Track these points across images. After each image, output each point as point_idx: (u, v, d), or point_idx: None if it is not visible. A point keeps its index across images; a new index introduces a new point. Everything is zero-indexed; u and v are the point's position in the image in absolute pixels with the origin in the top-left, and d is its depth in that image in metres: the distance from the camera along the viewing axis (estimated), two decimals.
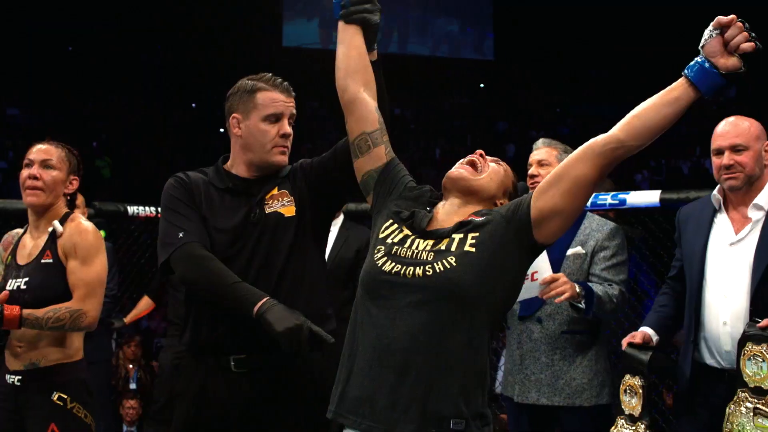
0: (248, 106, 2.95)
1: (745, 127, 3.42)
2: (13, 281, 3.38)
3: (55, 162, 3.41)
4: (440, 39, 22.37)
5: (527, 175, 4.00)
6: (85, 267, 3.32)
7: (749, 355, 3.09)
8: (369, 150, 2.63)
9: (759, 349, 3.07)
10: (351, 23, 2.72)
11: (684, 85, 2.29)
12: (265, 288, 2.79)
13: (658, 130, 2.31)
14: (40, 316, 3.24)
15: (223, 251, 2.86)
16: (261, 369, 2.84)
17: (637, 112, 2.32)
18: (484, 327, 2.33)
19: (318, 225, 3.02)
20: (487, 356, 2.36)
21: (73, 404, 3.33)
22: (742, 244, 3.36)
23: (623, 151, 2.32)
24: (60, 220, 3.40)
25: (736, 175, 3.38)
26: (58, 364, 3.36)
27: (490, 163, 2.61)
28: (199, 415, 2.88)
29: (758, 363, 3.07)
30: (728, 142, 3.40)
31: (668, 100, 2.29)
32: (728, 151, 3.39)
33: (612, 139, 2.32)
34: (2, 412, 3.39)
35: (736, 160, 3.37)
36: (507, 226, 2.37)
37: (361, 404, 2.31)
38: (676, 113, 2.30)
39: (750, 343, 3.09)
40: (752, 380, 3.07)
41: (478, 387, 2.31)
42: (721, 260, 3.40)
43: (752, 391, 3.08)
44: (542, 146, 4.03)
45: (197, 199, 2.93)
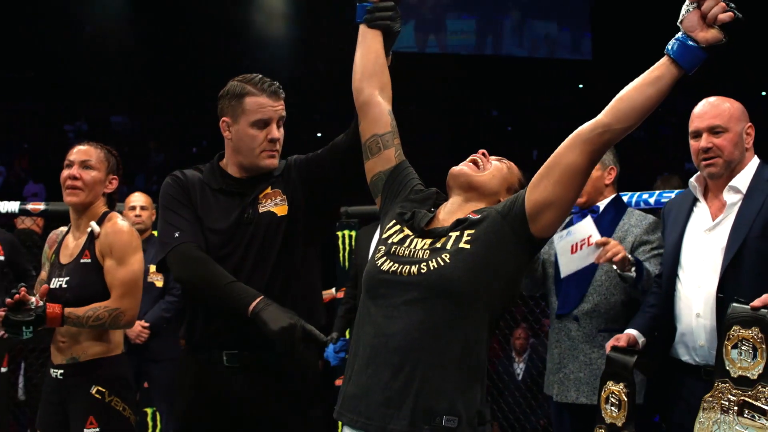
0: (237, 110, 2.99)
1: (725, 107, 3.16)
2: (55, 280, 3.50)
3: (94, 162, 3.53)
4: (537, 40, 22.16)
5: None
6: (122, 267, 3.42)
7: (735, 341, 2.72)
8: (379, 152, 2.65)
9: (748, 334, 2.69)
10: (373, 28, 2.75)
11: (666, 63, 2.27)
12: (257, 286, 2.85)
13: (643, 111, 2.28)
14: (80, 315, 3.35)
15: (216, 251, 2.92)
16: (253, 365, 2.89)
17: (621, 95, 2.30)
18: (482, 323, 2.32)
19: (312, 222, 3.04)
20: (486, 353, 2.36)
21: (111, 398, 3.43)
22: (718, 229, 3.11)
23: (610, 135, 2.29)
24: (98, 220, 3.51)
25: (714, 161, 3.12)
26: (97, 358, 3.47)
27: (494, 161, 2.61)
28: (195, 409, 2.95)
29: (747, 350, 2.69)
30: (706, 123, 3.15)
31: (651, 80, 2.28)
32: (706, 133, 3.15)
33: (598, 125, 2.30)
34: (48, 404, 3.53)
35: (715, 143, 3.12)
36: (503, 221, 2.36)
37: (358, 402, 2.33)
38: (660, 92, 2.27)
39: (737, 327, 2.73)
40: (736, 368, 2.70)
41: (476, 383, 2.30)
42: (695, 249, 3.15)
43: (735, 381, 2.70)
44: None
45: (193, 198, 3.00)
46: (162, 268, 2.99)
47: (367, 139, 2.68)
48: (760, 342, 2.65)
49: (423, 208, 2.53)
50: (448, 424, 2.23)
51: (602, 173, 3.91)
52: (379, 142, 2.65)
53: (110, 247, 3.44)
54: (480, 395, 2.30)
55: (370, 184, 2.69)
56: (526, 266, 2.44)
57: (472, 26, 22.77)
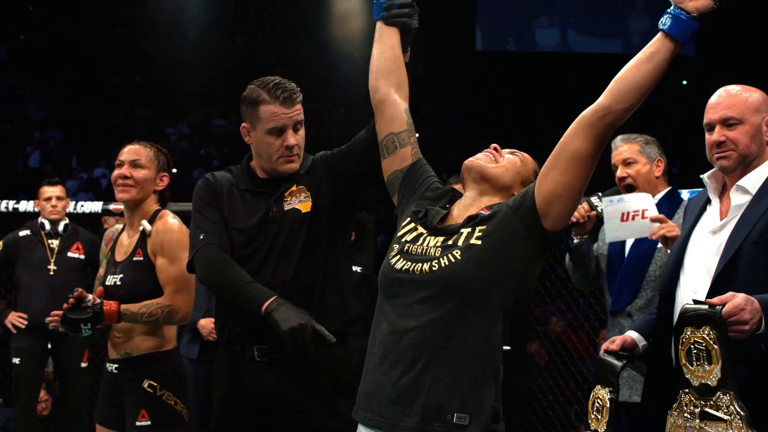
0: (253, 118, 3.03)
1: (742, 97, 2.84)
2: (110, 277, 3.60)
3: (144, 161, 3.61)
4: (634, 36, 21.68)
5: (616, 177, 3.87)
6: (173, 264, 3.48)
7: (688, 345, 2.43)
8: (395, 150, 2.64)
9: (700, 335, 2.40)
10: (391, 25, 2.75)
11: (660, 38, 2.27)
12: (281, 283, 2.91)
13: (643, 89, 2.26)
14: (135, 311, 3.43)
15: (241, 250, 2.98)
16: (283, 359, 2.92)
17: (619, 76, 2.29)
18: (496, 319, 2.30)
19: (338, 218, 3.06)
20: (500, 349, 2.34)
21: (163, 391, 3.50)
22: (722, 232, 2.79)
23: (612, 116, 2.26)
24: (150, 218, 3.59)
25: (727, 154, 2.81)
26: (150, 353, 3.55)
27: (507, 154, 2.57)
28: (229, 402, 3.01)
29: (701, 353, 2.40)
30: (719, 114, 2.84)
31: (647, 56, 2.27)
32: (719, 125, 2.84)
33: (599, 108, 2.28)
34: (105, 398, 3.63)
35: (728, 136, 2.81)
36: (514, 215, 2.34)
37: (371, 399, 2.34)
38: (658, 67, 2.26)
39: (689, 329, 2.43)
40: (695, 376, 2.42)
41: (490, 380, 2.28)
42: (698, 251, 2.85)
43: (698, 391, 2.42)
44: (622, 143, 3.89)
45: (220, 199, 3.06)
46: (191, 269, 3.06)
47: (384, 137, 2.67)
48: (713, 343, 2.37)
49: (438, 205, 2.51)
50: (459, 422, 2.22)
51: (650, 167, 3.83)
52: (395, 140, 2.64)
53: (161, 246, 3.51)
54: (494, 392, 2.28)
55: (387, 183, 2.68)
56: (541, 260, 2.40)
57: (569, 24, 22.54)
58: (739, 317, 2.37)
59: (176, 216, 3.63)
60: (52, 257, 5.93)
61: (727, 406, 2.35)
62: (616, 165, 3.89)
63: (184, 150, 19.55)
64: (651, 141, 3.92)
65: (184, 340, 5.67)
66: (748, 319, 2.37)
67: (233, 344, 3.01)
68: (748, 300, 2.39)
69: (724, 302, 2.38)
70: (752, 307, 2.39)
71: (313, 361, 2.91)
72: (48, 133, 19.63)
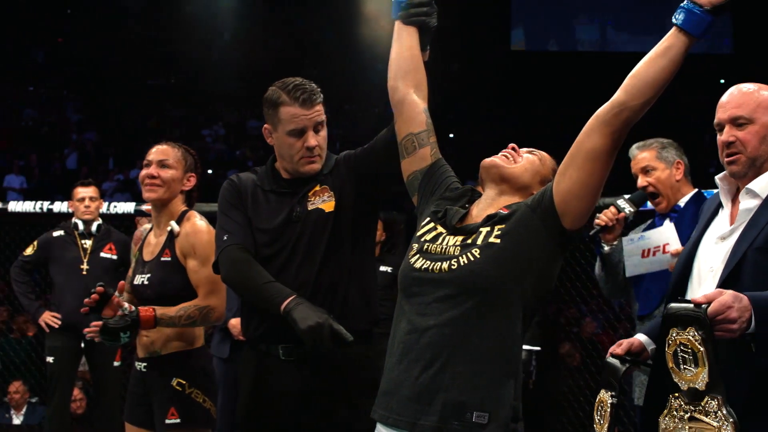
0: (274, 119, 3.04)
1: (753, 95, 2.62)
2: (139, 276, 3.62)
3: (171, 162, 3.63)
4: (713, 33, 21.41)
5: (638, 186, 3.84)
6: (205, 266, 3.48)
7: (674, 347, 2.26)
8: (415, 151, 2.64)
9: (685, 336, 2.23)
10: (409, 25, 2.74)
11: (674, 33, 2.25)
12: (305, 282, 2.92)
13: (658, 84, 2.24)
14: (173, 315, 3.44)
15: (264, 250, 3.00)
16: (308, 358, 2.93)
17: (634, 72, 2.27)
18: (516, 318, 2.29)
19: (361, 217, 3.07)
20: (520, 347, 2.33)
21: (192, 389, 3.52)
22: (731, 238, 2.59)
23: (628, 112, 2.25)
24: (177, 219, 3.61)
25: (736, 158, 2.59)
26: (178, 351, 3.57)
27: (525, 154, 2.56)
28: (254, 400, 3.02)
29: (688, 356, 2.23)
30: (728, 114, 2.63)
31: (661, 51, 2.26)
32: (728, 125, 2.62)
33: (615, 104, 2.26)
34: (134, 396, 3.66)
35: (737, 137, 2.59)
36: (532, 214, 2.34)
37: (390, 398, 2.34)
38: (672, 62, 2.25)
39: (674, 330, 2.26)
40: (683, 380, 2.25)
41: (509, 379, 2.27)
42: (706, 258, 2.66)
43: (687, 395, 2.26)
44: (639, 151, 3.87)
45: (245, 200, 3.07)
46: (217, 270, 3.09)
47: (403, 137, 2.66)
48: (699, 344, 2.21)
49: (457, 205, 2.51)
50: (478, 420, 2.22)
51: (670, 171, 3.80)
52: (414, 140, 2.64)
53: (192, 248, 3.53)
54: (514, 391, 2.27)
55: (407, 183, 2.68)
56: (560, 259, 2.39)
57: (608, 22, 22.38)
58: (726, 316, 2.20)
59: (203, 217, 3.66)
60: (85, 257, 5.99)
61: (715, 412, 2.21)
62: (636, 174, 3.86)
63: (220, 151, 19.69)
64: (668, 144, 3.89)
65: (215, 339, 5.71)
66: (736, 318, 2.20)
67: (258, 343, 3.03)
68: (736, 297, 2.23)
69: (711, 300, 2.21)
70: (740, 304, 2.22)
71: (338, 360, 2.92)
72: (85, 135, 19.86)
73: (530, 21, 23.33)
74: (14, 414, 7.51)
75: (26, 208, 6.77)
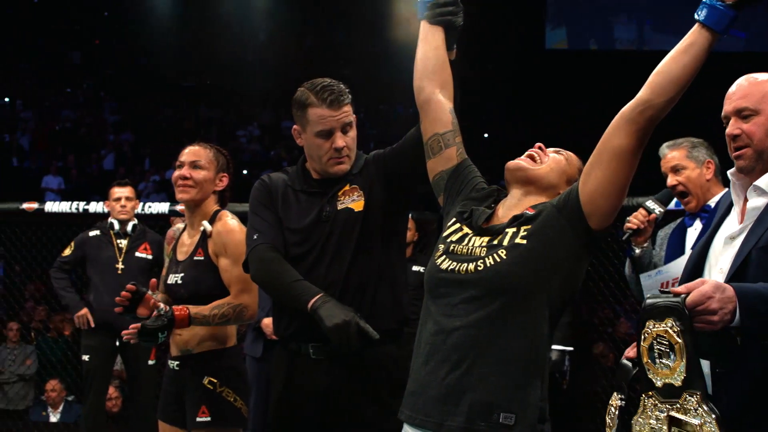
0: (303, 120, 3.04)
1: (760, 86, 2.48)
2: (172, 276, 3.66)
3: (203, 162, 3.65)
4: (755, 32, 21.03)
5: (667, 185, 3.81)
6: (237, 264, 3.48)
7: (650, 340, 2.13)
8: (441, 151, 2.63)
9: (662, 328, 2.10)
10: (435, 24, 2.73)
11: (697, 30, 2.23)
12: (335, 282, 2.93)
13: (682, 81, 2.22)
14: (206, 314, 3.46)
15: (294, 249, 3.02)
16: (338, 357, 2.93)
17: (657, 69, 2.25)
18: (542, 318, 2.29)
19: (391, 217, 3.07)
20: (547, 348, 2.33)
21: (223, 388, 3.54)
22: (739, 237, 2.45)
23: (653, 111, 2.23)
24: (210, 219, 3.64)
25: (742, 152, 2.45)
26: (210, 350, 3.59)
27: (551, 153, 2.55)
28: (286, 400, 3.04)
29: (664, 349, 2.11)
30: (733, 105, 2.50)
31: (684, 48, 2.23)
32: (734, 117, 2.50)
33: (639, 102, 2.24)
34: (167, 394, 3.69)
35: (743, 129, 2.46)
36: (559, 215, 2.33)
37: (416, 399, 2.34)
38: (695, 59, 2.22)
39: (651, 322, 2.14)
40: (659, 375, 2.13)
41: (536, 380, 2.27)
42: (716, 258, 2.52)
43: (662, 392, 2.13)
44: (669, 150, 3.83)
45: (275, 200, 3.09)
46: (247, 269, 3.11)
47: (429, 138, 2.66)
48: (677, 336, 2.08)
49: (483, 205, 2.50)
50: (505, 422, 2.21)
51: (700, 170, 3.76)
52: (440, 141, 2.63)
53: (224, 247, 3.55)
54: (541, 392, 2.26)
55: (433, 184, 2.68)
56: (587, 259, 2.38)
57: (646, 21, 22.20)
58: (707, 306, 2.09)
59: (235, 216, 3.68)
60: (120, 257, 6.05)
61: (696, 408, 2.09)
62: (665, 173, 3.82)
63: (254, 152, 19.78)
64: (698, 143, 3.85)
65: (248, 339, 5.73)
66: (716, 309, 2.09)
67: (289, 342, 3.05)
68: (718, 287, 2.12)
69: (691, 290, 2.12)
70: (722, 295, 2.11)
71: (368, 360, 2.92)
72: (122, 136, 20.03)
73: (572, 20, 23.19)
74: (51, 412, 7.62)
75: (62, 208, 6.84)
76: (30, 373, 8.18)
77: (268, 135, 20.54)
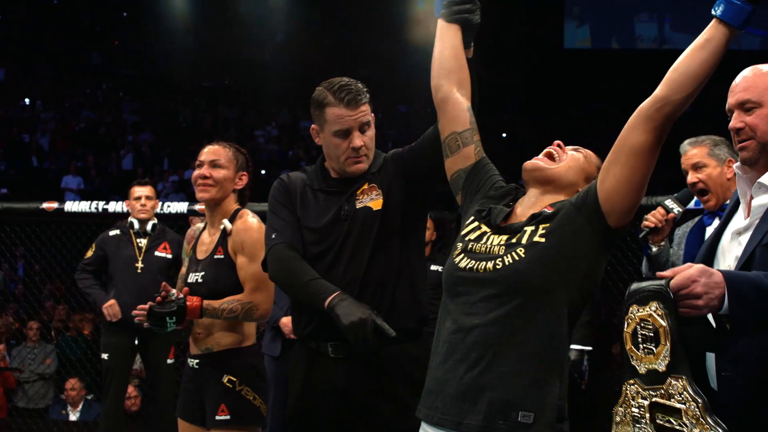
0: (321, 120, 3.04)
1: (763, 77, 2.45)
2: (192, 274, 3.66)
3: (223, 161, 3.66)
4: None
5: (687, 182, 3.78)
6: (253, 263, 3.51)
7: (634, 325, 2.09)
8: (458, 149, 2.62)
9: (647, 312, 2.06)
10: (452, 23, 2.72)
11: (714, 25, 2.21)
12: (353, 280, 2.93)
13: (699, 77, 2.20)
14: (216, 307, 3.48)
15: (313, 248, 3.01)
16: (357, 355, 2.92)
17: (674, 66, 2.23)
18: (561, 317, 2.28)
19: (410, 215, 3.06)
20: (566, 347, 2.32)
21: (242, 387, 3.55)
22: (746, 233, 2.40)
23: (670, 107, 2.21)
24: (230, 217, 3.65)
25: (746, 144, 2.44)
26: (229, 349, 3.59)
27: (570, 151, 2.54)
28: (304, 398, 3.04)
29: (648, 333, 2.06)
30: (735, 98, 2.47)
31: (701, 44, 2.21)
32: (737, 110, 2.47)
33: (657, 99, 2.23)
34: (187, 393, 3.70)
35: (745, 122, 2.43)
36: (577, 213, 2.32)
37: (434, 397, 2.34)
38: (713, 54, 2.20)
39: (635, 306, 2.10)
40: (642, 362, 2.08)
41: (555, 378, 2.26)
42: (724, 254, 2.48)
43: (645, 379, 2.08)
44: (690, 147, 3.79)
45: (294, 199, 3.09)
46: (265, 268, 3.12)
47: (447, 136, 2.65)
48: (661, 319, 2.03)
49: (502, 204, 2.50)
50: (523, 420, 2.20)
51: (721, 169, 3.73)
52: (458, 139, 2.62)
53: (242, 244, 3.56)
54: (559, 390, 2.26)
55: (450, 182, 2.67)
56: (605, 257, 2.37)
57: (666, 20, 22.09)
58: (691, 290, 2.05)
59: (255, 215, 3.68)
60: (140, 256, 6.06)
61: (680, 393, 2.02)
62: (686, 170, 3.79)
63: (273, 152, 19.81)
64: (720, 142, 3.80)
65: (267, 338, 5.74)
66: (701, 293, 2.04)
67: (308, 341, 3.05)
68: (704, 272, 2.07)
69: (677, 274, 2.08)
70: (709, 280, 2.06)
71: (387, 358, 2.92)
72: (141, 136, 20.10)
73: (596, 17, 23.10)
74: (71, 410, 7.66)
75: (82, 208, 6.86)
76: (50, 372, 8.25)
77: (286, 135, 20.57)
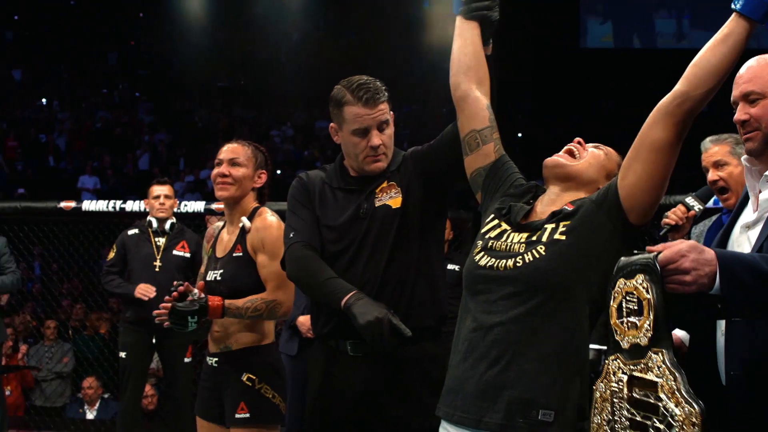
0: (339, 118, 3.03)
1: (766, 69, 2.39)
2: (211, 272, 3.67)
3: (242, 160, 3.66)
4: None
5: (708, 180, 3.74)
6: (274, 260, 3.50)
7: (620, 299, 2.06)
8: (478, 147, 2.62)
9: (632, 284, 2.03)
10: (470, 20, 2.72)
11: (734, 19, 2.19)
12: (372, 279, 2.92)
13: (720, 72, 2.18)
14: (240, 306, 3.48)
15: (332, 246, 3.01)
16: (376, 354, 2.92)
17: (694, 61, 2.21)
18: (582, 315, 2.28)
19: (429, 214, 3.05)
20: (586, 345, 2.32)
21: (261, 385, 3.55)
22: (756, 227, 2.34)
23: (691, 103, 2.20)
24: (249, 215, 3.65)
25: (752, 135, 2.39)
26: (248, 347, 3.60)
27: (590, 148, 2.54)
28: (323, 396, 3.03)
29: (632, 306, 2.02)
30: (740, 89, 2.41)
31: (721, 38, 2.19)
32: (741, 101, 2.41)
33: (677, 95, 2.21)
34: (205, 391, 3.70)
35: (750, 113, 2.38)
36: (598, 210, 2.31)
37: (454, 395, 2.34)
38: (733, 49, 2.18)
39: (622, 280, 2.07)
40: (627, 335, 2.04)
41: (575, 377, 2.26)
42: (734, 248, 2.39)
43: (628, 353, 2.04)
44: (712, 145, 3.74)
45: (313, 198, 3.09)
46: (284, 267, 3.12)
47: (466, 134, 2.65)
48: (645, 291, 1.99)
49: (522, 201, 2.49)
50: (543, 419, 2.20)
51: (742, 167, 3.68)
52: (477, 137, 2.62)
53: (262, 243, 3.56)
54: (580, 389, 2.25)
55: (470, 181, 2.67)
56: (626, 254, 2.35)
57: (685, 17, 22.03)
58: (679, 265, 1.99)
59: (275, 213, 3.68)
60: (158, 254, 6.08)
61: (659, 366, 1.96)
62: (706, 168, 3.75)
63: (288, 151, 19.81)
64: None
65: (284, 337, 5.74)
66: (689, 269, 1.99)
67: (327, 339, 3.04)
68: (695, 248, 2.02)
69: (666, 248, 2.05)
70: (699, 256, 2.00)
71: (406, 357, 2.91)
72: (157, 136, 20.15)
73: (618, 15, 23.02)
74: (88, 409, 7.69)
75: (99, 207, 6.90)
76: (67, 371, 8.29)
77: (301, 135, 20.56)
